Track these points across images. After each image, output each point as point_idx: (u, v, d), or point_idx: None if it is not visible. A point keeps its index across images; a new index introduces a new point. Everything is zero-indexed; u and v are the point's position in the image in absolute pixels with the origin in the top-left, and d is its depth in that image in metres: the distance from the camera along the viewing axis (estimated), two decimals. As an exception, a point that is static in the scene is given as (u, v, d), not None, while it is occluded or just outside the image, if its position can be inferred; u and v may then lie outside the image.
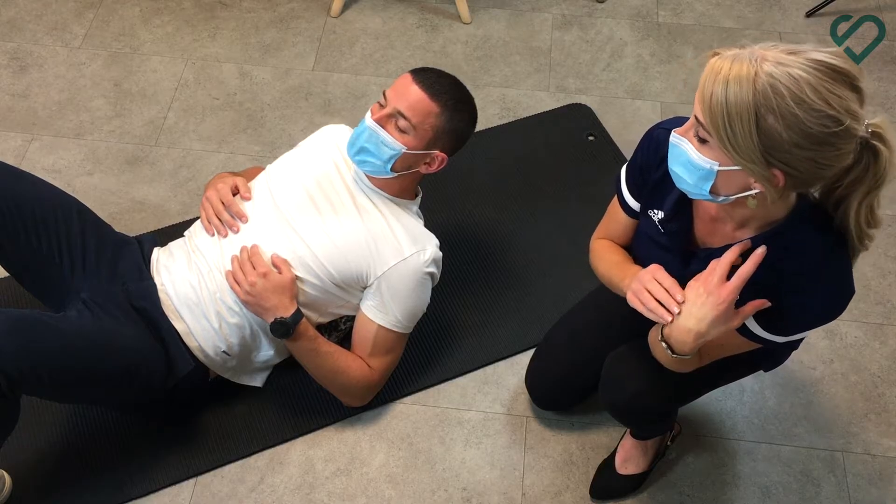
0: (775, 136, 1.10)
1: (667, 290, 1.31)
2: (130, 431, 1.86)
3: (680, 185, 1.28)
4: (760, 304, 1.29)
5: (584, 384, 1.86)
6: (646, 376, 1.50)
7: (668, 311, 1.31)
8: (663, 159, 1.39)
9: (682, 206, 1.38)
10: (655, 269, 1.35)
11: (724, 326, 1.28)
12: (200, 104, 2.52)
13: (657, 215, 1.44)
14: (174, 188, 2.32)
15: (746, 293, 1.28)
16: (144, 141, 2.42)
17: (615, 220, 1.59)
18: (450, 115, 1.71)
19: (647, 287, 1.34)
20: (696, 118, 1.17)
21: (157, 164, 2.37)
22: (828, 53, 1.10)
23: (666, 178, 1.40)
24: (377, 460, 1.87)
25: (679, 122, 1.41)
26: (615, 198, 1.57)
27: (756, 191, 1.19)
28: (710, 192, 1.22)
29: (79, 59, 2.61)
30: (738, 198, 1.22)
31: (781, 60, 1.10)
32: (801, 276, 1.29)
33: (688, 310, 1.28)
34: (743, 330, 1.36)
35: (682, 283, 1.42)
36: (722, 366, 1.50)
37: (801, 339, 1.54)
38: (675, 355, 1.35)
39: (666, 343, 1.35)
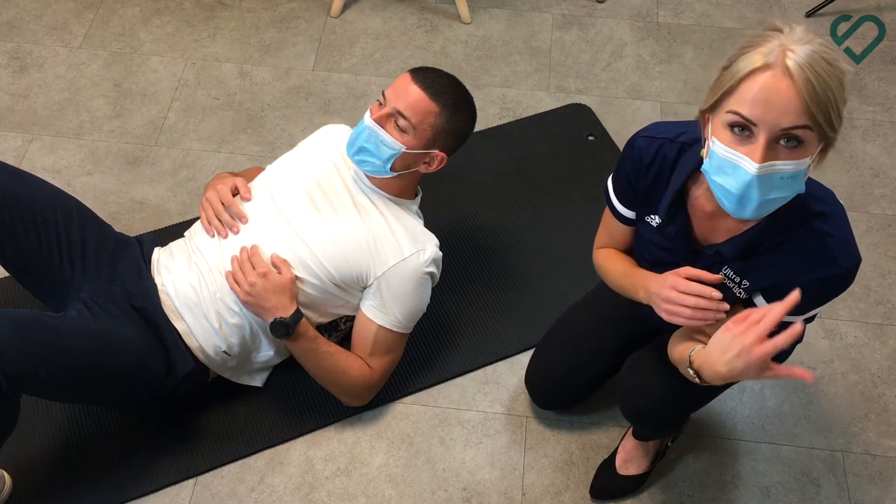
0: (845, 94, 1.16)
1: (704, 297, 1.31)
2: (130, 431, 1.86)
3: (770, 208, 1.21)
4: (791, 336, 1.20)
5: (584, 384, 1.86)
6: (668, 384, 1.50)
7: (717, 313, 1.31)
8: (649, 167, 1.39)
9: (678, 209, 1.38)
10: (676, 281, 1.34)
11: (753, 377, 1.24)
12: (200, 104, 2.52)
13: (654, 220, 1.44)
14: (174, 188, 2.32)
15: (763, 279, 1.33)
16: (144, 141, 2.42)
17: (612, 230, 1.58)
18: (449, 114, 1.71)
19: (681, 303, 1.32)
20: (788, 129, 1.13)
21: (157, 164, 2.37)
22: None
23: (655, 184, 1.40)
24: (377, 460, 1.87)
25: (660, 127, 1.41)
26: (607, 208, 1.56)
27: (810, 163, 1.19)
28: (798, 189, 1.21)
29: (79, 59, 2.61)
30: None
31: (798, 47, 1.13)
32: (809, 253, 1.29)
33: (720, 356, 1.24)
34: None
35: None
36: None
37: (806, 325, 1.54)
38: (703, 383, 1.34)
39: (693, 371, 1.34)
